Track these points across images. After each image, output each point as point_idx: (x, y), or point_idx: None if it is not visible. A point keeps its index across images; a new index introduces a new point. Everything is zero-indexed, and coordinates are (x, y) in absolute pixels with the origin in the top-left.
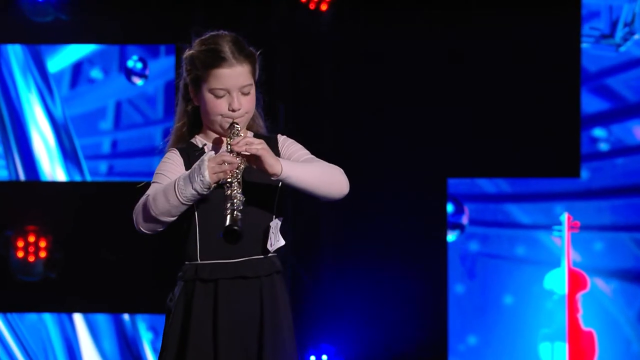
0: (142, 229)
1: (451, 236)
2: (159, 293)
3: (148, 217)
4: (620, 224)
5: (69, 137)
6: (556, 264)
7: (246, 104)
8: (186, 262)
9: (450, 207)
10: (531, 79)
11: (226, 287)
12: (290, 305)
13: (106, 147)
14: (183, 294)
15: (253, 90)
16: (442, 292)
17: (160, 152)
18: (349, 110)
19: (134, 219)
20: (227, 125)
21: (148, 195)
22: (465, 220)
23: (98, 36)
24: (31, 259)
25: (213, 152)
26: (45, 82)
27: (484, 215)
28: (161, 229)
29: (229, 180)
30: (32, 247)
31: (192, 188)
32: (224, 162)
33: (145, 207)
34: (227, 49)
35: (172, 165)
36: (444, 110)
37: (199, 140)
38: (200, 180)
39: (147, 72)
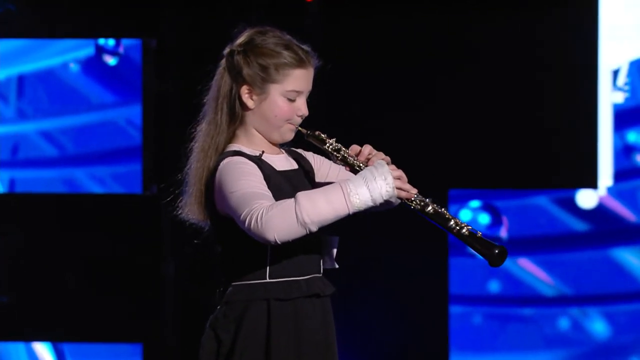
0: (276, 237)
1: None
2: (119, 321)
3: (294, 223)
4: None
5: None
6: None
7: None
8: (238, 283)
9: (486, 218)
10: (542, 81)
11: (303, 306)
12: None
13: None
14: (253, 314)
15: None
16: (443, 312)
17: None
18: (340, 113)
19: (265, 226)
20: (287, 133)
21: (296, 199)
22: (504, 232)
23: (52, 30)
24: None
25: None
26: None
27: None
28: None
29: (419, 198)
30: None
31: (370, 195)
32: (400, 178)
33: (288, 212)
34: (297, 48)
35: (252, 170)
36: (446, 115)
37: (244, 149)
38: (387, 191)
39: (120, 50)
